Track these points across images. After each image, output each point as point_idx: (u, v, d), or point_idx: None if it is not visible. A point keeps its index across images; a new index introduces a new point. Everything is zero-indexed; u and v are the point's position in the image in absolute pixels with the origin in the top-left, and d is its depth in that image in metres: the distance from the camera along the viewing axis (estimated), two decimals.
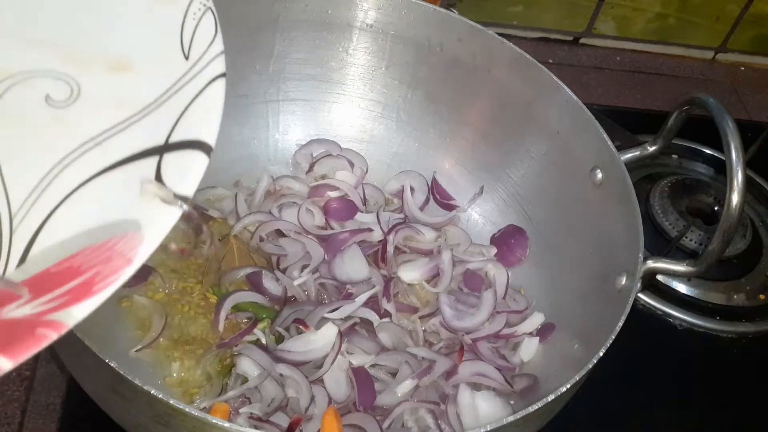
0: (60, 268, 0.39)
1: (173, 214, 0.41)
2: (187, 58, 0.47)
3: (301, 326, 0.73)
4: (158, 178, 0.42)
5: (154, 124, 0.45)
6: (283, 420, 0.67)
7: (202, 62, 0.47)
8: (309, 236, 0.82)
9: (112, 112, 0.46)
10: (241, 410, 0.67)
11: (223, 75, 0.46)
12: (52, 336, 0.34)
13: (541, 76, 0.81)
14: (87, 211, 0.42)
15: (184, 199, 0.41)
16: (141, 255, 0.38)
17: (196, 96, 0.46)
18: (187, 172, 0.42)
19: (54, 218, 0.42)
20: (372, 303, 0.78)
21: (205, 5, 0.49)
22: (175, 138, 0.44)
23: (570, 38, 1.30)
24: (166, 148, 0.44)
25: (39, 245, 0.41)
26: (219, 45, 0.47)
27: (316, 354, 0.72)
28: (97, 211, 0.42)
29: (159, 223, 0.40)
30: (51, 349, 0.74)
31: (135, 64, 0.48)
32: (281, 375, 0.70)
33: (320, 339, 0.72)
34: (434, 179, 0.92)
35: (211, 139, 0.44)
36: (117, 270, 0.37)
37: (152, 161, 0.43)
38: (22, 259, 0.41)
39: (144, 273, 0.76)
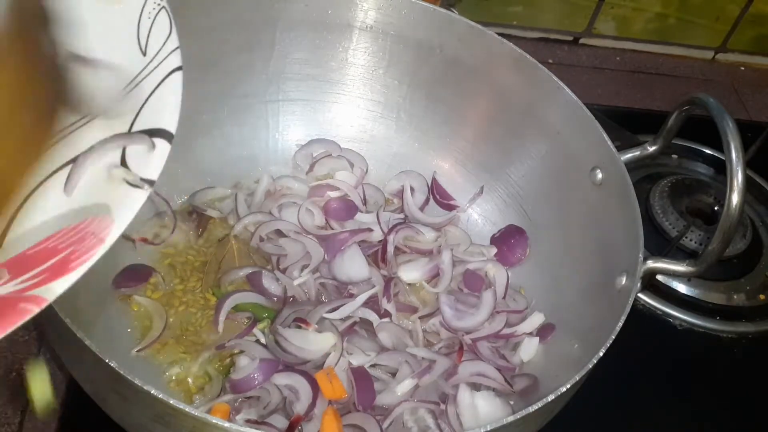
0: (36, 250, 0.41)
1: (140, 196, 0.43)
2: (144, 54, 0.50)
3: (302, 324, 0.73)
4: (124, 164, 0.45)
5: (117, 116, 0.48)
6: (282, 422, 0.67)
7: (159, 58, 0.49)
8: (309, 236, 0.82)
9: None
10: (236, 417, 0.67)
11: (179, 68, 0.49)
12: (33, 309, 0.37)
13: (541, 76, 0.81)
14: (58, 199, 0.44)
15: (149, 182, 0.44)
16: (112, 234, 0.41)
17: (155, 88, 0.48)
18: (150, 158, 0.45)
19: (27, 207, 0.44)
20: (372, 303, 0.78)
21: (159, 5, 0.51)
22: (138, 127, 0.47)
23: (570, 38, 1.30)
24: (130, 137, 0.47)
25: (14, 232, 0.43)
26: (174, 41, 0.50)
27: (316, 354, 0.72)
28: (67, 198, 0.44)
29: (127, 206, 0.43)
30: (51, 349, 0.75)
31: (96, 62, 0.50)
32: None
33: (320, 340, 0.72)
34: (434, 179, 0.92)
35: (171, 127, 0.46)
36: (91, 249, 0.40)
37: (117, 150, 0.46)
38: None
39: (144, 273, 0.76)
